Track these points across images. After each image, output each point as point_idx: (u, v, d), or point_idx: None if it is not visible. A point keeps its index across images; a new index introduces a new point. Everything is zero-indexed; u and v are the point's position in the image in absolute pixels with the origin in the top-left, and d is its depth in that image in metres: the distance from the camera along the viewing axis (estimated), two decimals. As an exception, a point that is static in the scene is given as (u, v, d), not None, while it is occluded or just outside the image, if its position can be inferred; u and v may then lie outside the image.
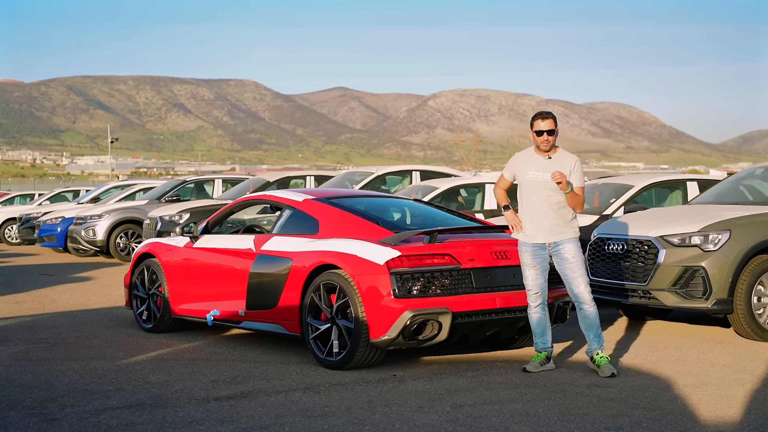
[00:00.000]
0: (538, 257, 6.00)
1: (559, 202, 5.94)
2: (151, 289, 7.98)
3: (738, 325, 7.21)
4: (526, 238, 6.03)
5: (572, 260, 5.94)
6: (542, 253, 6.01)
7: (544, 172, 5.95)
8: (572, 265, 5.94)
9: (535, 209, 5.99)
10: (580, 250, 5.98)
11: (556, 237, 5.96)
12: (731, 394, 5.35)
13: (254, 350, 6.97)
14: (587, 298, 5.94)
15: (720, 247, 7.15)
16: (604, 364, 5.90)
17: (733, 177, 9.08)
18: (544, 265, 6.02)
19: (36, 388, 5.59)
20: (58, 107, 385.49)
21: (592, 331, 5.97)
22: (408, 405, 5.12)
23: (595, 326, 5.96)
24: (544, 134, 5.95)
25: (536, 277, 6.00)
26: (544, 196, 5.95)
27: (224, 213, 7.83)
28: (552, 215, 5.95)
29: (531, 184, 6.00)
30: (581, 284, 5.93)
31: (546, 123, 5.96)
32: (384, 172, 14.93)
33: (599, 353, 5.94)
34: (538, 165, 6.00)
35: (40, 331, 7.98)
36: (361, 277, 5.94)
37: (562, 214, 5.96)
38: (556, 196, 5.93)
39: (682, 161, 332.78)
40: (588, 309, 5.95)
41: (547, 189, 5.94)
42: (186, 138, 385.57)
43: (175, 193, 17.44)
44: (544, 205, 5.95)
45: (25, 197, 27.51)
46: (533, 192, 5.99)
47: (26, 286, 12.05)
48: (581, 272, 5.94)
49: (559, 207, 5.95)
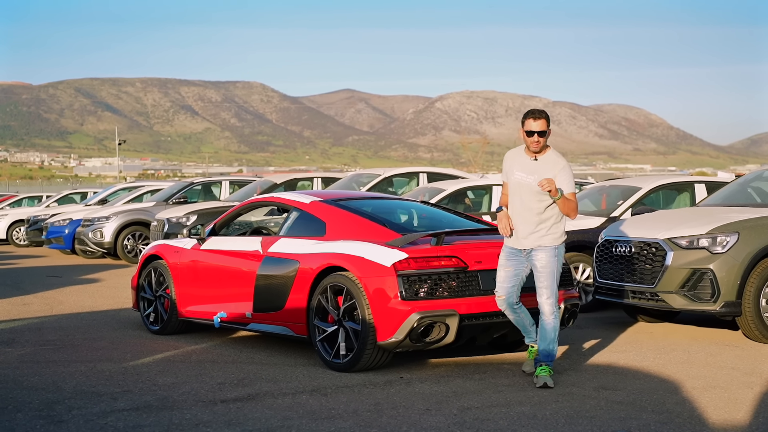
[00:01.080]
0: (513, 260, 5.77)
1: (540, 209, 5.64)
2: (158, 291, 7.99)
3: (746, 327, 7.18)
4: (507, 241, 5.82)
5: (541, 269, 5.66)
6: (518, 257, 5.76)
7: (528, 174, 5.67)
8: (540, 274, 5.67)
9: (515, 213, 5.73)
10: (554, 260, 5.66)
11: (531, 244, 5.68)
12: (740, 397, 5.32)
13: (261, 352, 6.97)
14: (547, 310, 5.68)
15: (728, 249, 7.12)
16: (543, 375, 5.64)
17: (741, 179, 9.04)
18: (518, 269, 5.76)
19: (43, 390, 5.60)
20: (66, 109, 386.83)
21: (545, 343, 5.71)
22: (415, 407, 5.11)
23: (548, 339, 5.70)
24: (534, 135, 5.63)
25: (505, 279, 5.76)
26: (525, 200, 5.67)
27: (231, 215, 7.83)
28: (531, 221, 5.66)
29: (515, 186, 5.74)
30: (544, 295, 5.67)
31: (538, 123, 5.62)
32: (391, 174, 14.93)
33: (542, 365, 5.69)
34: (523, 166, 5.71)
35: (48, 333, 8.00)
36: (368, 279, 5.94)
37: (541, 220, 5.65)
38: (536, 202, 5.64)
39: (689, 163, 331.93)
40: (546, 320, 5.69)
41: (529, 193, 5.65)
42: (193, 140, 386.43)
43: (182, 195, 17.47)
44: (524, 210, 5.68)
45: (33, 199, 27.59)
46: (516, 194, 5.73)
47: (34, 288, 12.08)
48: (548, 283, 5.65)
49: (538, 213, 5.65)
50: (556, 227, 5.71)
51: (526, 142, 5.71)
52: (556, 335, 5.75)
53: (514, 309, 5.86)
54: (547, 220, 5.68)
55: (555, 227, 5.71)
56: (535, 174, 5.66)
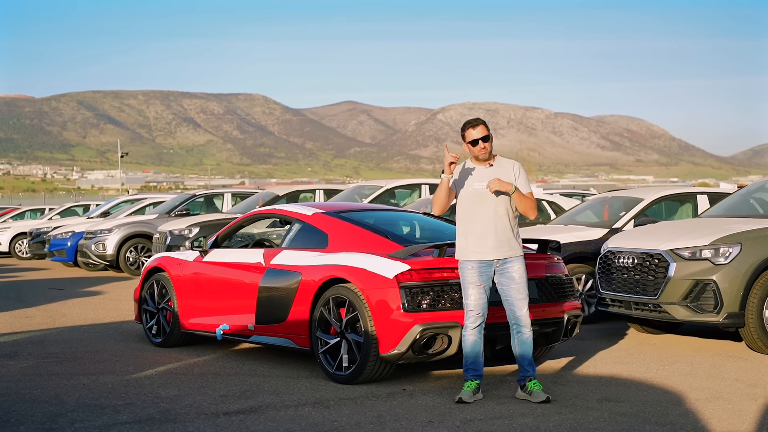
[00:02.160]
0: (483, 275, 5.58)
1: (506, 215, 5.57)
2: (160, 303, 7.99)
3: (750, 338, 7.17)
4: (471, 255, 5.59)
5: (519, 281, 5.57)
6: (488, 271, 5.60)
7: (485, 181, 5.60)
8: (518, 286, 5.57)
9: (482, 224, 5.57)
10: (525, 270, 5.63)
11: (504, 253, 5.57)
12: (743, 409, 5.31)
13: (264, 364, 6.97)
14: (527, 322, 5.59)
15: (731, 260, 7.11)
16: (537, 390, 5.55)
17: (743, 190, 9.04)
18: (488, 283, 5.61)
19: (46, 402, 5.60)
20: (68, 122, 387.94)
21: (527, 359, 5.61)
22: (418, 419, 5.10)
23: (530, 353, 5.61)
24: (479, 142, 5.58)
25: (480, 296, 5.57)
26: (491, 209, 5.56)
27: (234, 227, 7.84)
28: (500, 229, 5.56)
29: (475, 196, 5.60)
30: (524, 307, 5.58)
31: (478, 130, 5.58)
32: (393, 186, 14.94)
33: (532, 379, 5.60)
34: (481, 175, 5.61)
35: (50, 346, 8.00)
36: (370, 291, 5.94)
37: (509, 227, 5.58)
38: (502, 209, 5.56)
39: (692, 174, 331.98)
40: (526, 334, 5.60)
41: (493, 200, 5.56)
42: (196, 152, 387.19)
43: (184, 207, 17.49)
44: (491, 218, 5.56)
45: (36, 212, 27.62)
46: (479, 204, 5.58)
47: (36, 301, 12.09)
48: (525, 294, 5.59)
49: (506, 220, 5.57)
50: (519, 234, 5.71)
51: (473, 152, 5.64)
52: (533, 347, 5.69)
53: (480, 330, 5.63)
54: (514, 227, 5.63)
55: (519, 234, 5.70)
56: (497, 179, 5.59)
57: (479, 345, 5.63)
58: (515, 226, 5.65)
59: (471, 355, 5.63)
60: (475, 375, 5.63)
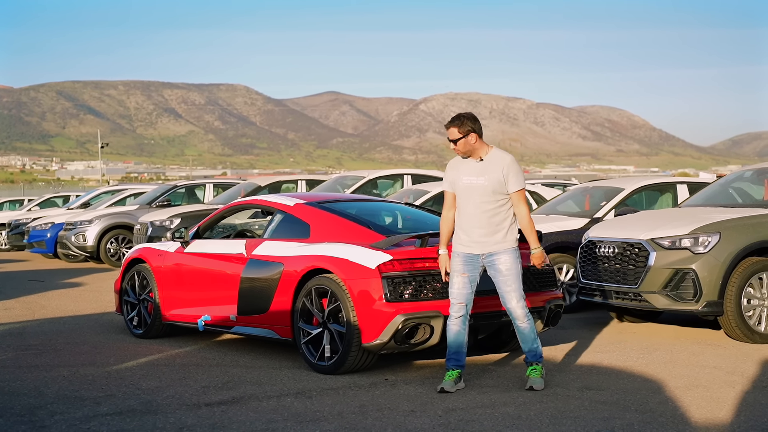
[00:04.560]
0: (468, 265, 5.60)
1: (493, 210, 5.54)
2: (141, 294, 7.95)
3: (728, 327, 7.24)
4: (458, 247, 5.63)
5: (506, 273, 5.55)
6: (474, 263, 5.60)
7: (477, 176, 5.57)
8: (506, 278, 5.56)
9: (467, 217, 5.59)
10: (517, 262, 5.58)
11: (490, 248, 5.56)
12: (722, 396, 5.36)
13: (246, 355, 6.95)
14: (520, 314, 5.58)
15: (710, 249, 7.17)
16: (534, 377, 5.60)
17: (722, 180, 9.11)
18: (474, 275, 5.62)
19: (25, 395, 5.56)
20: (47, 112, 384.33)
21: (527, 345, 5.66)
22: (400, 409, 5.12)
23: (530, 340, 5.64)
24: (452, 144, 5.63)
25: (463, 286, 5.58)
26: (477, 203, 5.55)
27: (215, 218, 7.81)
28: (485, 224, 5.54)
29: (465, 191, 5.60)
30: (514, 299, 5.57)
31: (450, 132, 5.61)
32: (375, 176, 14.94)
33: (533, 365, 5.65)
34: (471, 169, 5.60)
35: (30, 338, 7.94)
36: (352, 282, 5.93)
37: (496, 222, 5.55)
38: (489, 203, 5.54)
39: (672, 164, 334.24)
40: (522, 325, 5.61)
41: (481, 195, 5.55)
42: (177, 143, 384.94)
43: (165, 198, 17.39)
44: (477, 213, 5.55)
45: (15, 203, 27.38)
46: (468, 198, 5.59)
47: (15, 293, 11.99)
48: (515, 286, 5.56)
49: (492, 215, 5.54)
50: (513, 228, 5.63)
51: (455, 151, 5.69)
52: (535, 333, 5.69)
53: (464, 320, 5.63)
54: (503, 221, 5.57)
55: (512, 228, 5.62)
56: (484, 175, 5.57)
57: (462, 335, 5.63)
58: (505, 220, 5.57)
59: (454, 345, 5.64)
60: (456, 365, 5.64)
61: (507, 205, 5.60)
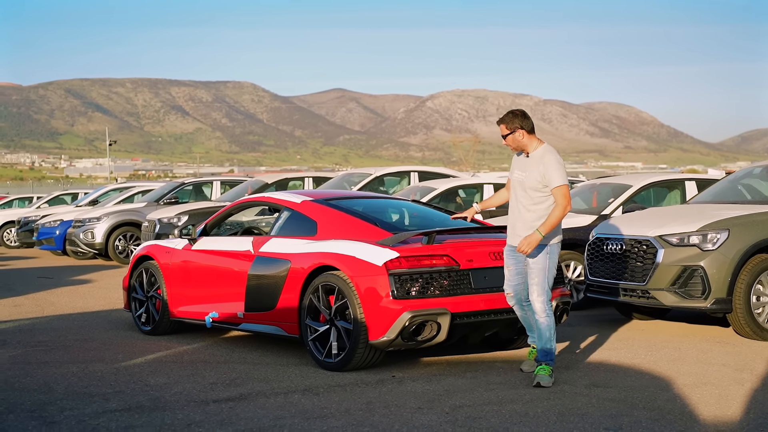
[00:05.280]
0: (511, 258, 5.85)
1: (530, 205, 5.70)
2: (149, 291, 7.97)
3: (737, 324, 7.21)
4: (508, 240, 5.90)
5: (532, 266, 5.70)
6: (516, 255, 5.82)
7: (521, 171, 5.78)
8: (531, 271, 5.70)
9: (510, 211, 5.87)
10: (545, 258, 5.67)
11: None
12: (730, 394, 5.35)
13: (253, 352, 6.97)
14: (538, 308, 5.68)
15: (719, 246, 7.15)
16: (542, 374, 5.62)
17: (731, 176, 9.08)
18: (519, 267, 5.81)
19: (35, 391, 5.58)
20: (56, 110, 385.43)
21: (541, 342, 5.71)
22: (407, 406, 5.12)
23: (544, 339, 5.69)
24: (503, 139, 5.81)
25: (510, 278, 5.85)
26: (519, 197, 5.79)
27: (223, 215, 7.82)
28: (523, 218, 5.73)
29: (513, 185, 5.87)
30: (535, 292, 5.68)
31: (500, 128, 5.81)
32: (382, 173, 14.93)
33: (542, 364, 5.68)
34: (520, 165, 5.84)
35: (39, 334, 7.98)
36: (359, 279, 5.94)
37: (531, 218, 5.69)
38: (526, 199, 5.72)
39: (680, 161, 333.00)
40: (539, 320, 5.69)
41: (522, 190, 5.76)
42: (184, 140, 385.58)
43: (173, 196, 17.43)
44: (517, 207, 5.79)
45: (24, 200, 27.47)
46: (513, 193, 5.86)
47: (25, 289, 12.04)
48: (538, 280, 5.66)
49: (529, 210, 5.70)
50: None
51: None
52: (552, 333, 5.70)
53: (522, 306, 5.92)
54: (538, 219, 5.68)
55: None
56: (526, 171, 5.76)
57: (528, 318, 5.93)
58: (542, 217, 5.65)
59: (525, 325, 6.01)
60: (533, 340, 6.01)
61: (546, 202, 5.69)
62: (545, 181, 5.63)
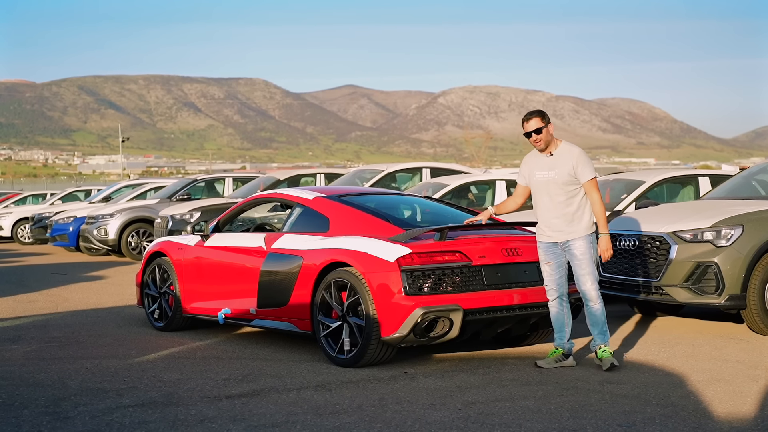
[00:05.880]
0: (550, 254, 6.05)
1: (566, 201, 5.96)
2: (162, 287, 8.00)
3: (751, 320, 7.17)
4: (539, 237, 6.11)
5: (581, 257, 5.94)
6: (555, 250, 6.04)
7: (549, 170, 6.00)
8: (580, 262, 5.95)
9: (545, 209, 6.04)
10: (591, 247, 5.96)
11: (566, 236, 5.98)
12: (745, 390, 5.32)
13: (265, 348, 6.99)
14: (593, 296, 5.96)
15: (732, 242, 7.11)
16: (606, 357, 5.94)
17: (745, 172, 9.03)
18: (559, 260, 6.04)
19: (49, 386, 5.62)
20: (69, 107, 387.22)
21: (597, 328, 6.01)
22: (419, 402, 5.12)
23: (600, 323, 5.99)
24: (532, 135, 5.99)
25: (550, 273, 6.05)
26: (552, 195, 5.99)
27: (235, 211, 7.84)
28: (560, 214, 5.97)
29: (539, 185, 6.06)
30: (588, 281, 5.94)
31: (531, 124, 5.97)
32: (394, 170, 14.93)
33: (602, 347, 5.99)
34: (542, 164, 6.04)
35: (53, 330, 8.02)
36: (371, 275, 5.94)
37: (570, 211, 5.96)
38: (562, 195, 5.96)
39: (693, 156, 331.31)
40: (594, 306, 5.97)
41: (554, 187, 5.98)
42: (196, 137, 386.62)
43: (185, 192, 17.48)
44: (552, 205, 6.00)
45: (37, 197, 27.62)
46: (542, 192, 6.05)
47: (39, 286, 12.11)
48: (589, 270, 5.95)
49: (566, 205, 5.96)
50: (585, 216, 5.99)
51: (531, 144, 6.04)
52: (606, 317, 6.02)
53: (562, 302, 6.07)
54: (576, 211, 5.96)
55: (584, 216, 5.98)
56: (554, 169, 5.97)
57: (561, 316, 6.08)
58: (579, 209, 5.95)
59: (555, 324, 6.11)
60: (559, 343, 6.11)
61: (579, 194, 5.98)
62: (576, 174, 5.92)
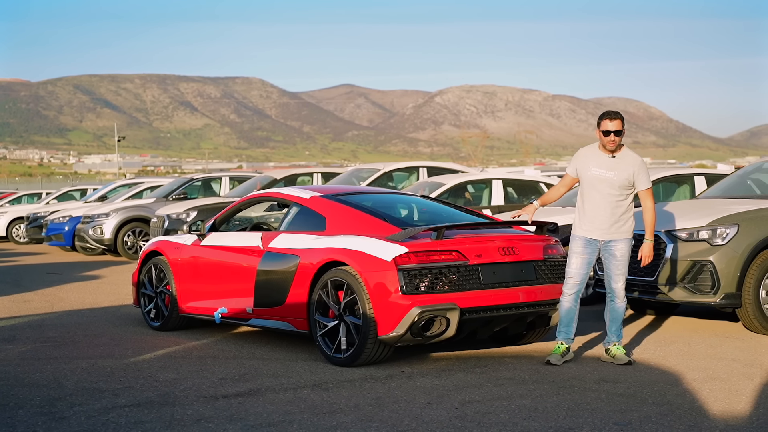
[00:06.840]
0: (587, 248, 6.17)
1: (617, 202, 6.10)
2: (158, 287, 7.99)
3: (746, 319, 7.19)
4: (580, 232, 6.19)
5: (620, 258, 6.14)
6: (593, 247, 6.18)
7: (607, 170, 6.10)
8: (618, 263, 6.15)
9: (594, 206, 6.14)
10: (629, 250, 6.17)
11: (610, 236, 6.13)
12: (740, 389, 5.33)
13: (262, 347, 6.98)
14: (622, 295, 6.20)
15: (728, 241, 7.12)
16: (620, 354, 6.11)
17: (740, 171, 9.04)
18: (591, 257, 6.17)
19: (44, 386, 5.61)
20: (65, 106, 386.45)
21: (616, 324, 6.20)
22: (416, 401, 5.12)
23: (619, 320, 6.21)
24: (611, 134, 6.08)
25: (579, 267, 6.15)
26: (605, 194, 6.10)
27: (231, 211, 7.83)
28: (609, 213, 6.11)
29: (593, 181, 6.14)
30: (620, 281, 6.16)
31: (614, 123, 6.08)
32: (391, 169, 14.93)
33: (616, 344, 6.16)
34: (601, 163, 6.13)
35: (48, 330, 8.01)
36: (368, 274, 5.94)
37: (618, 212, 6.12)
38: (615, 196, 6.09)
39: (689, 156, 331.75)
40: (619, 304, 6.20)
41: (609, 187, 6.09)
42: (193, 136, 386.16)
43: (182, 191, 17.47)
44: (603, 203, 6.11)
45: (33, 196, 27.58)
46: (594, 188, 6.14)
47: (34, 285, 12.09)
48: (624, 270, 6.16)
49: (616, 206, 6.10)
50: (631, 219, 6.18)
51: (603, 141, 6.14)
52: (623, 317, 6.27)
53: (577, 297, 6.18)
54: (624, 213, 6.14)
55: (630, 219, 6.18)
56: (614, 170, 6.09)
57: (573, 311, 6.18)
58: (626, 212, 6.14)
59: (564, 318, 6.19)
60: (565, 337, 6.19)
61: (629, 199, 6.16)
62: (634, 180, 6.09)
